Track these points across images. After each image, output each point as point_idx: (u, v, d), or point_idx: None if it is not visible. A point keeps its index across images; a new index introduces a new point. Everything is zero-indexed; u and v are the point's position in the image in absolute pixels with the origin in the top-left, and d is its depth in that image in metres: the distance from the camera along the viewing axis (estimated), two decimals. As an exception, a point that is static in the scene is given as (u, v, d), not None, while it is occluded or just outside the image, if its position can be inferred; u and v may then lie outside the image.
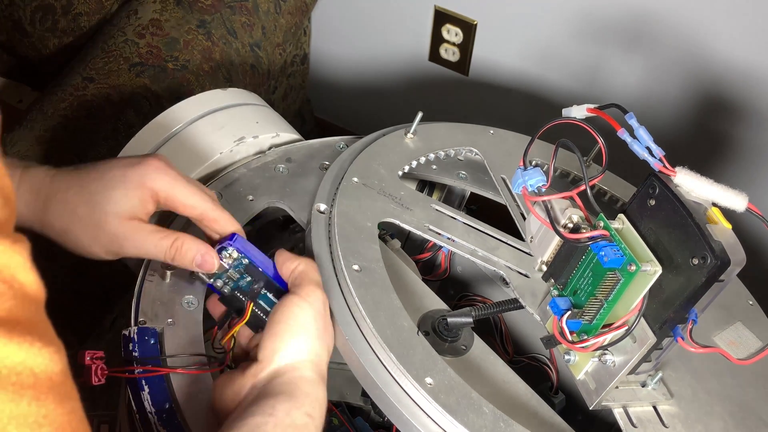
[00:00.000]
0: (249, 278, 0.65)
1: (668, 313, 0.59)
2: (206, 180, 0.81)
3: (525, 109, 1.34)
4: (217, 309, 0.67)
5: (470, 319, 0.70)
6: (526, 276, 0.70)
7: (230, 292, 0.65)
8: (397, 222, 0.71)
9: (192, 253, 0.63)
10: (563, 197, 0.64)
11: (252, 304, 0.65)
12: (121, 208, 0.62)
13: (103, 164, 0.64)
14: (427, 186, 0.88)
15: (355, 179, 0.74)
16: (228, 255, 0.65)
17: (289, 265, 0.64)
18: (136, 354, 0.63)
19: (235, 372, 0.59)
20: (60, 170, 0.64)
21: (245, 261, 0.65)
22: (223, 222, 0.65)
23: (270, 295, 0.65)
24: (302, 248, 0.82)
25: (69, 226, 0.62)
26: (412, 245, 0.89)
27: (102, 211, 0.62)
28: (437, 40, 1.34)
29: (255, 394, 0.57)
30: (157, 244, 0.63)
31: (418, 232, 0.72)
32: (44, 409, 0.35)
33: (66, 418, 0.36)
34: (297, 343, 0.59)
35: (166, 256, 0.63)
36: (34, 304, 0.37)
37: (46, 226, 0.63)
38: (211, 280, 0.65)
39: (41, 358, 0.35)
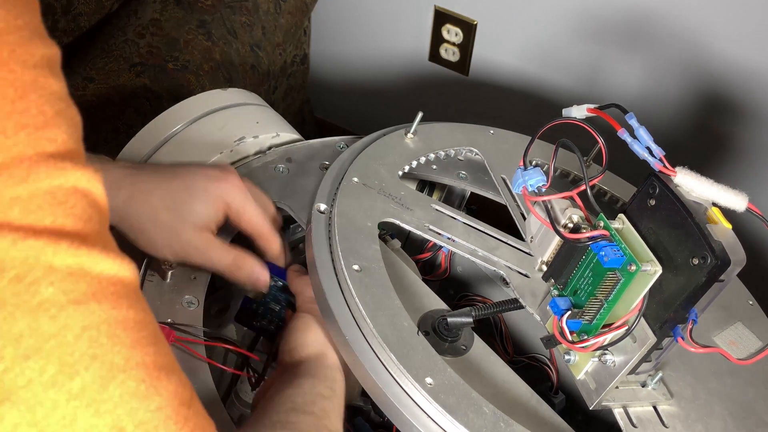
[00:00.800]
0: (289, 297, 0.71)
1: (668, 313, 0.59)
2: (206, 180, 0.80)
3: (525, 109, 1.34)
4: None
5: (470, 319, 0.70)
6: (526, 276, 0.70)
7: (276, 327, 0.71)
8: (397, 222, 0.71)
9: (249, 271, 0.68)
10: (563, 197, 0.64)
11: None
12: (200, 220, 0.67)
13: (185, 172, 0.68)
14: (427, 186, 0.87)
15: (355, 179, 0.74)
16: None
17: (294, 285, 0.71)
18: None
19: (267, 380, 0.65)
20: (138, 169, 0.68)
21: (280, 283, 0.71)
22: (273, 244, 0.71)
23: None
24: (302, 248, 0.82)
25: (148, 227, 0.66)
26: (412, 245, 0.89)
27: (182, 219, 0.66)
28: (437, 40, 1.34)
29: (279, 380, 0.61)
30: (221, 257, 0.67)
31: (418, 232, 0.72)
32: (141, 314, 0.39)
33: (155, 324, 0.40)
34: (308, 341, 0.64)
35: (226, 270, 0.68)
36: (109, 229, 0.40)
37: (123, 222, 0.66)
38: (257, 323, 0.71)
39: (129, 272, 0.39)
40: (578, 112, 0.63)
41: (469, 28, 1.29)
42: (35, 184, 0.35)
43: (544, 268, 0.70)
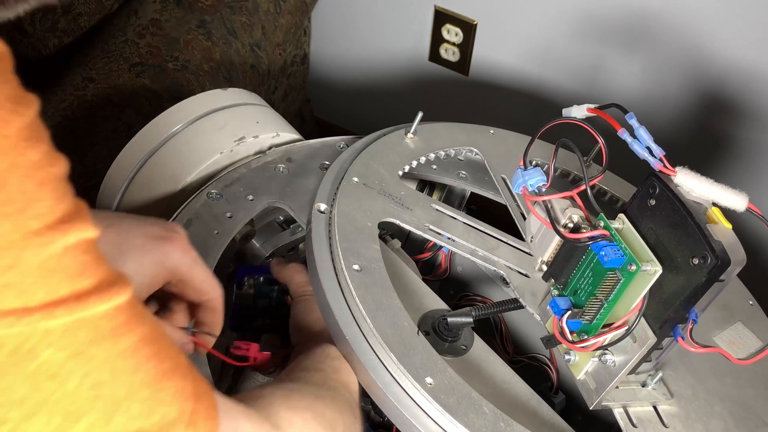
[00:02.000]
0: (275, 287, 0.73)
1: (668, 312, 0.59)
2: (206, 180, 0.81)
3: (525, 109, 1.34)
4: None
5: (470, 319, 0.70)
6: (526, 276, 0.70)
7: (274, 318, 0.72)
8: (397, 222, 0.71)
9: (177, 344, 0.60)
10: (563, 197, 0.64)
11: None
12: None
13: (121, 222, 0.58)
14: (427, 186, 0.88)
15: (356, 179, 0.74)
16: (246, 285, 0.73)
17: (282, 275, 0.71)
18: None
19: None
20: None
21: (261, 279, 0.72)
22: (218, 315, 0.63)
23: None
24: (302, 248, 0.82)
25: None
26: (412, 245, 0.89)
27: None
28: (437, 40, 1.34)
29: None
30: None
31: (418, 232, 0.72)
32: (140, 330, 0.40)
33: (153, 328, 0.41)
34: (313, 321, 0.66)
35: None
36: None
37: None
38: (254, 324, 0.72)
39: (123, 294, 0.39)
40: (578, 112, 0.63)
41: (469, 28, 1.29)
42: (25, 264, 0.35)
43: (544, 268, 0.70)
